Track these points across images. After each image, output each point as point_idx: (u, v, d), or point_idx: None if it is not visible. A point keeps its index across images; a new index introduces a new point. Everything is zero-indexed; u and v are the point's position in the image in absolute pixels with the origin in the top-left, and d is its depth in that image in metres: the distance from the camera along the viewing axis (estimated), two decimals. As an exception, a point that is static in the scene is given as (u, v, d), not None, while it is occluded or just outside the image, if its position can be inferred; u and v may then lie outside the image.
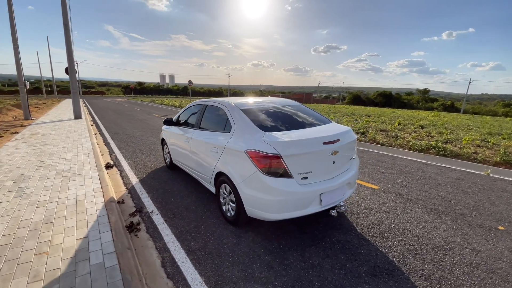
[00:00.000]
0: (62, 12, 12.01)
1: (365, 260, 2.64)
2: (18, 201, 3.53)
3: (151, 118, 15.49)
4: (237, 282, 2.35)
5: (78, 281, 2.14)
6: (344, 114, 18.40)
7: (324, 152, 2.85)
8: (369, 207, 3.81)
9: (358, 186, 4.60)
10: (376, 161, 6.35)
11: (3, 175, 4.50)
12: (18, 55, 11.44)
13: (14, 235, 2.74)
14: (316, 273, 2.46)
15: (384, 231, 3.18)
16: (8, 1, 10.75)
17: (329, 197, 2.94)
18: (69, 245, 2.62)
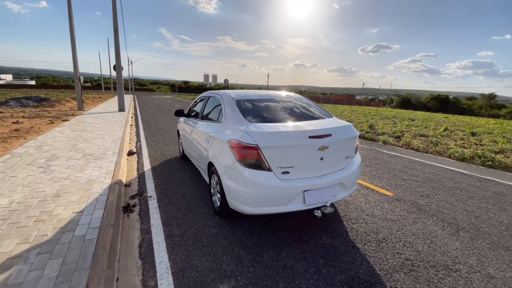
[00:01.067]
0: (113, 18, 13.34)
1: (346, 268, 2.37)
2: (42, 176, 4.01)
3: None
4: (201, 271, 2.30)
5: (57, 248, 2.33)
6: (384, 117, 17.02)
7: (310, 146, 2.64)
8: (373, 213, 3.43)
9: (369, 191, 4.18)
10: (402, 167, 5.71)
11: (40, 154, 5.16)
12: (75, 54, 13.06)
13: (25, 203, 3.11)
14: (285, 274, 2.29)
15: (381, 241, 2.82)
16: (69, 9, 12.32)
17: (314, 196, 2.71)
18: (64, 216, 2.87)
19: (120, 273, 2.27)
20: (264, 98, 3.52)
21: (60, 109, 13.58)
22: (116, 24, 13.57)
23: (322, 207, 2.75)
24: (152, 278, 2.22)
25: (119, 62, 14.16)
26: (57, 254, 2.24)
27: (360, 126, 11.33)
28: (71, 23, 12.61)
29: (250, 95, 3.54)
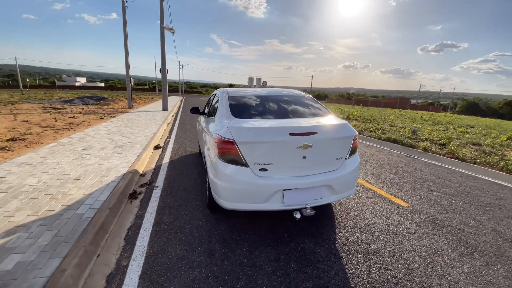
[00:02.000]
0: (160, 26, 14.63)
1: (316, 277, 2.20)
2: (72, 162, 4.61)
3: (221, 114, 16.92)
4: (172, 258, 2.38)
5: (56, 222, 2.66)
6: (436, 123, 15.16)
7: (290, 144, 2.51)
8: (374, 223, 3.10)
9: (380, 199, 3.79)
10: (435, 177, 5.03)
11: (80, 144, 5.94)
12: (127, 60, 14.67)
13: (49, 183, 3.62)
14: (250, 272, 2.22)
15: (370, 252, 2.54)
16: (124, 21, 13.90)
17: (294, 196, 2.57)
18: (74, 197, 3.26)
19: (103, 250, 2.48)
20: (261, 95, 3.48)
21: (113, 107, 15.41)
22: (163, 31, 14.84)
23: (303, 208, 2.59)
24: (126, 258, 2.38)
25: (164, 66, 15.44)
26: (54, 227, 2.56)
27: (402, 132, 10.29)
28: (125, 33, 14.22)
29: (248, 92, 3.53)
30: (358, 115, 17.95)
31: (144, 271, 2.22)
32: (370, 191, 4.12)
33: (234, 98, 3.30)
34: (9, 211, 2.79)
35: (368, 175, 4.95)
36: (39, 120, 8.95)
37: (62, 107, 13.95)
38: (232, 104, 3.14)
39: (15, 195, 3.18)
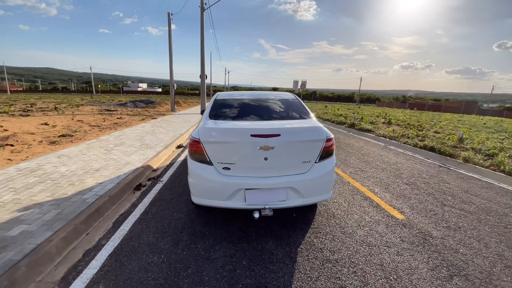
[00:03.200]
0: (200, 33, 15.73)
1: (260, 276, 2.23)
2: (101, 156, 5.38)
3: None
4: (141, 243, 2.68)
5: (64, 203, 3.21)
6: (500, 131, 12.96)
7: (251, 145, 2.58)
8: (352, 232, 2.94)
9: (372, 209, 3.54)
10: (461, 191, 4.43)
11: (114, 141, 6.84)
12: (171, 66, 16.12)
13: (74, 172, 4.33)
14: (201, 264, 2.37)
15: (329, 261, 2.45)
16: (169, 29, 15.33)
17: (256, 196, 2.64)
18: (88, 185, 3.85)
19: (93, 230, 2.92)
20: (246, 98, 3.60)
21: (159, 110, 17.10)
22: (203, 39, 15.93)
23: (262, 209, 2.63)
24: (107, 239, 2.75)
25: (203, 70, 16.53)
26: (60, 207, 3.10)
27: (445, 139, 9.14)
28: (170, 44, 15.68)
29: (234, 96, 3.68)
30: (403, 120, 16.42)
31: (115, 250, 2.55)
32: (368, 200, 3.86)
33: (219, 101, 3.50)
34: (34, 192, 3.46)
35: (376, 183, 4.62)
36: (91, 120, 10.55)
37: (115, 109, 16.08)
38: (214, 106, 3.34)
39: (44, 180, 3.91)
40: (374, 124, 14.00)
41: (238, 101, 3.49)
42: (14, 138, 5.94)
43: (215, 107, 3.31)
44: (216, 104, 3.40)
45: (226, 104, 3.41)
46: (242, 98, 3.59)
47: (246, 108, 3.31)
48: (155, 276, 2.20)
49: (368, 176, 5.05)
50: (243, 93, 3.85)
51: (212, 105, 3.39)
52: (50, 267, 2.30)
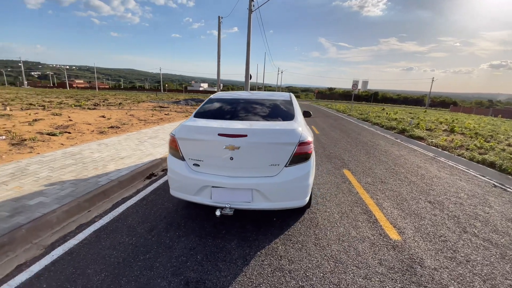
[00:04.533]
0: (247, 34, 16.20)
1: (206, 272, 2.28)
2: (132, 146, 6.12)
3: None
4: (123, 225, 2.99)
5: (81, 183, 3.80)
6: None
7: (218, 143, 2.63)
8: (325, 246, 2.72)
9: (366, 223, 3.17)
10: (504, 219, 3.61)
11: (150, 134, 7.66)
12: (219, 67, 17.04)
13: (103, 158, 5.05)
14: (161, 251, 2.54)
15: (282, 270, 2.33)
16: (218, 32, 16.23)
17: (221, 194, 2.68)
18: (107, 170, 4.46)
19: (94, 208, 3.38)
20: (237, 98, 3.63)
21: (205, 107, 18.33)
22: (249, 40, 16.38)
23: (223, 207, 2.64)
24: (100, 217, 3.17)
25: (247, 71, 17.01)
26: (76, 186, 3.69)
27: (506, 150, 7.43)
28: (219, 46, 16.60)
29: (229, 95, 3.75)
30: (472, 128, 13.90)
31: (100, 228, 2.93)
32: (367, 214, 3.47)
33: (211, 99, 3.62)
34: (64, 172, 4.18)
35: (389, 197, 4.10)
36: (141, 115, 11.98)
37: (167, 106, 17.84)
38: (204, 105, 3.47)
39: (77, 163, 4.68)
40: (431, 131, 12.24)
41: (228, 101, 3.55)
42: (73, 127, 7.23)
43: (204, 106, 3.45)
44: (206, 103, 3.53)
45: (215, 104, 3.51)
46: (232, 98, 3.64)
47: (231, 109, 3.35)
48: (117, 255, 2.46)
49: (385, 188, 4.51)
50: (240, 93, 3.90)
51: (203, 104, 3.54)
52: (47, 233, 2.78)
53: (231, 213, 2.62)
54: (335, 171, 5.36)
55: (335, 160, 6.32)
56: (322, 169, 5.45)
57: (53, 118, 8.90)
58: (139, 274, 2.23)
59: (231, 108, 3.36)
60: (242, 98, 3.63)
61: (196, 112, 3.35)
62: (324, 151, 7.24)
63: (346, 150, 7.50)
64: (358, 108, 34.38)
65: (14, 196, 3.24)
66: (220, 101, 3.58)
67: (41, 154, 5.00)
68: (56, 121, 8.30)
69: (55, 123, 7.94)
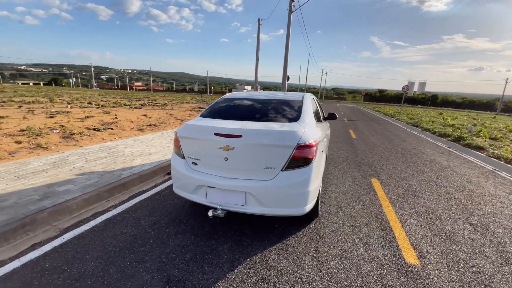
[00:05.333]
0: (286, 35, 16.01)
1: (190, 272, 2.25)
2: (162, 143, 6.50)
3: (334, 121, 16.11)
4: (131, 217, 3.16)
5: (106, 175, 4.15)
6: None
7: (213, 143, 2.58)
8: (324, 261, 2.46)
9: (381, 242, 2.79)
10: None
11: (182, 132, 8.06)
12: (257, 68, 17.19)
13: (133, 153, 5.46)
14: (154, 245, 2.60)
15: (267, 281, 2.17)
16: (258, 33, 16.37)
17: (215, 195, 2.63)
18: (133, 164, 4.80)
19: (112, 198, 3.66)
20: (248, 98, 3.54)
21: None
22: (288, 41, 16.17)
23: (215, 208, 2.59)
24: (114, 207, 3.40)
25: (285, 73, 16.80)
26: (101, 177, 4.04)
27: None
28: (257, 48, 16.76)
29: (239, 95, 3.69)
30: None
31: (110, 217, 3.14)
32: (385, 231, 3.06)
33: (223, 99, 3.60)
34: (96, 164, 4.63)
35: (419, 214, 3.57)
36: (180, 115, 12.70)
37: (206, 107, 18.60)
38: (213, 105, 3.47)
39: (110, 156, 5.14)
40: (496, 140, 10.44)
41: (236, 101, 3.48)
42: (116, 124, 8.01)
43: (213, 106, 3.45)
44: (216, 103, 3.53)
45: (223, 104, 3.48)
46: (241, 99, 3.56)
47: (237, 109, 3.28)
48: (115, 245, 2.60)
49: (416, 203, 3.94)
50: (252, 94, 3.81)
51: (212, 104, 3.55)
52: (66, 218, 3.09)
53: (222, 214, 2.56)
54: (361, 180, 4.90)
55: (365, 167, 5.79)
56: (346, 177, 5.03)
57: (102, 115, 10.03)
58: (128, 265, 2.31)
59: (236, 108, 3.30)
60: (251, 98, 3.54)
61: (203, 112, 3.37)
62: (356, 157, 6.70)
63: (381, 158, 6.82)
64: (410, 112, 31.26)
65: (48, 182, 3.69)
66: (229, 101, 3.54)
67: (83, 147, 5.65)
68: (104, 118, 9.34)
69: (102, 120, 8.93)
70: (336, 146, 8.09)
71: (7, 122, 7.11)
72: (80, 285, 2.06)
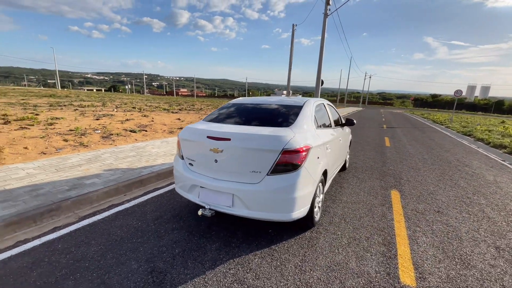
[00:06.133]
0: (321, 38, 15.72)
1: (173, 266, 2.39)
2: (186, 145, 6.91)
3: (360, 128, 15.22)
4: (138, 211, 3.45)
5: (128, 172, 4.58)
6: None
7: (206, 146, 2.71)
8: (306, 271, 2.39)
9: (380, 258, 2.60)
10: None
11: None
12: (290, 73, 17.15)
13: (157, 153, 5.91)
14: (150, 238, 2.81)
15: (242, 283, 2.19)
16: (292, 39, 16.36)
17: (206, 195, 2.76)
18: (155, 163, 5.21)
19: (129, 193, 4.04)
20: (249, 103, 3.61)
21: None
22: (323, 45, 15.85)
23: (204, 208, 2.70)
24: (128, 201, 3.75)
25: (319, 77, 16.46)
26: (124, 174, 4.49)
27: None
28: (291, 52, 16.75)
29: (244, 101, 3.77)
30: None
31: (122, 210, 3.47)
32: (387, 245, 2.83)
33: (229, 104, 3.73)
34: (123, 162, 5.15)
35: (434, 232, 3.21)
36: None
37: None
38: (218, 110, 3.62)
39: (137, 155, 5.66)
40: None
41: (239, 106, 3.57)
42: (151, 126, 8.75)
43: (217, 111, 3.60)
44: (220, 108, 3.67)
45: (226, 109, 3.60)
46: (244, 103, 3.63)
47: (237, 114, 3.35)
48: (119, 234, 2.88)
49: (436, 220, 3.55)
50: (256, 99, 3.86)
51: (218, 109, 3.70)
52: (86, 207, 3.51)
53: (209, 214, 2.67)
54: (379, 191, 4.57)
55: (389, 178, 5.37)
56: (362, 187, 4.74)
57: (141, 119, 11.03)
58: (123, 253, 2.55)
59: (236, 113, 3.39)
60: (254, 103, 3.60)
61: (206, 116, 3.55)
62: (382, 167, 6.25)
63: (412, 168, 6.25)
64: (465, 119, 27.86)
65: (79, 176, 4.24)
66: (232, 106, 3.66)
67: (117, 146, 6.31)
68: (142, 121, 10.26)
69: (139, 123, 9.83)
70: (364, 154, 7.65)
71: (60, 123, 8.31)
72: (79, 266, 2.34)
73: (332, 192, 4.41)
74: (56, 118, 8.93)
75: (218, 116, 3.41)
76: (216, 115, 3.47)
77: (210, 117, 3.47)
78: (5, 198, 3.30)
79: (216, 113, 3.53)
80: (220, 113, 3.48)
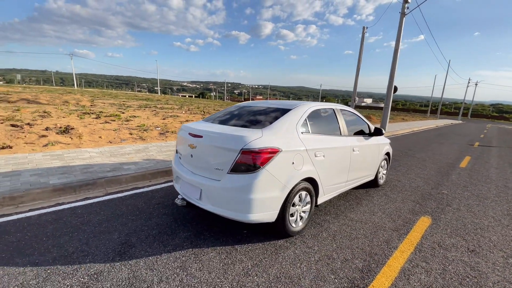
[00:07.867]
0: (396, 40, 14.06)
1: (144, 241, 2.73)
2: (223, 145, 7.44)
3: (447, 147, 12.56)
4: (145, 200, 4.03)
5: (161, 163, 5.34)
6: None
7: (187, 141, 2.99)
8: (241, 273, 2.33)
9: (342, 283, 2.29)
10: None
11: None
12: (357, 78, 15.92)
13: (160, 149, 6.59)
14: (143, 228, 3.27)
15: (185, 270, 2.33)
16: (361, 43, 15.19)
17: (184, 186, 3.05)
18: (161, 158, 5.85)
19: (153, 180, 4.72)
20: (246, 106, 3.68)
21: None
22: (397, 47, 14.14)
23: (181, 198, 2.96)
24: (148, 187, 4.41)
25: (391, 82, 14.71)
26: (156, 164, 5.24)
27: None
28: (360, 54, 15.57)
29: (245, 104, 3.85)
30: None
31: (139, 192, 4.12)
32: (364, 272, 2.44)
33: (234, 106, 3.90)
34: (161, 154, 5.99)
35: (445, 272, 2.55)
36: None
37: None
38: (221, 111, 3.84)
39: (159, 150, 6.46)
40: None
41: (237, 108, 3.68)
42: (202, 127, 9.76)
43: (220, 112, 3.83)
44: (226, 110, 3.89)
45: (225, 110, 3.78)
46: (241, 106, 3.72)
47: (230, 115, 3.47)
48: (122, 210, 3.46)
49: (459, 259, 2.79)
50: (256, 103, 3.89)
51: (222, 110, 3.93)
52: (115, 186, 4.32)
53: (180, 203, 2.95)
54: (404, 214, 3.86)
55: (430, 202, 4.44)
56: (387, 207, 4.10)
57: (200, 120, 12.38)
58: (115, 225, 3.07)
59: (229, 115, 3.53)
60: (253, 106, 3.67)
61: (208, 116, 3.83)
62: (432, 189, 5.18)
63: (475, 196, 4.95)
64: None
65: (122, 161, 5.21)
66: (233, 107, 3.82)
67: (166, 141, 7.36)
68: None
69: (196, 124, 11.08)
70: (418, 172, 6.47)
71: (134, 120, 10.18)
72: (81, 228, 2.97)
73: (340, 206, 4.00)
74: (134, 117, 11.01)
75: (213, 116, 3.66)
76: (213, 115, 3.72)
77: (208, 117, 3.75)
78: (65, 171, 4.42)
79: (215, 114, 3.78)
80: (217, 114, 3.71)
